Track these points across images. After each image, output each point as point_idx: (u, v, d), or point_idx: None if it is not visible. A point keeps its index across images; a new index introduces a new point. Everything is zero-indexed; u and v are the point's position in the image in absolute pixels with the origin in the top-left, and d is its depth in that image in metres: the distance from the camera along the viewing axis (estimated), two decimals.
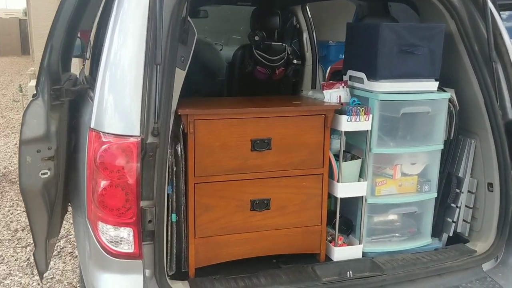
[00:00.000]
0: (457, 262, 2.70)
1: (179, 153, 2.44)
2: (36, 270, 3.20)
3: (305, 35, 5.32)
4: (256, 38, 4.61)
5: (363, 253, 2.78)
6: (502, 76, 2.78)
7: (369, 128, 2.65)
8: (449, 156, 2.89)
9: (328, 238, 2.80)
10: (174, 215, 2.50)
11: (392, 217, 2.88)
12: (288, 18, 5.57)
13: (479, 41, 2.77)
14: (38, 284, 4.00)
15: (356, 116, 2.60)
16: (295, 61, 5.02)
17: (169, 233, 2.52)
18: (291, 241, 2.67)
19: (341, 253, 2.73)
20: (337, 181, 2.69)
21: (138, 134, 2.14)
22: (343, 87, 2.80)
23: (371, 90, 2.68)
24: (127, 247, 2.17)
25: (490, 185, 2.82)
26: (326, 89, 2.77)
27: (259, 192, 2.56)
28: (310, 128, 2.58)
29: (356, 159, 2.74)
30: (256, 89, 4.67)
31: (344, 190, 2.69)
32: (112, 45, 2.22)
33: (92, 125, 2.21)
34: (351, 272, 2.53)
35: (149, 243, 2.24)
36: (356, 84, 2.80)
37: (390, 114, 2.67)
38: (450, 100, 2.84)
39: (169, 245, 2.53)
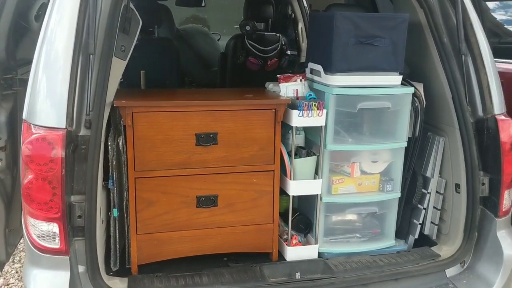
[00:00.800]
0: (417, 266, 2.56)
1: (121, 146, 2.37)
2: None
3: (300, 25, 5.18)
4: (248, 28, 4.51)
5: (320, 253, 2.67)
6: (471, 70, 2.61)
7: (323, 124, 2.52)
8: (414, 154, 2.74)
9: (285, 237, 2.69)
10: (115, 210, 2.44)
11: (351, 217, 2.75)
12: (283, 8, 5.43)
13: (449, 32, 2.61)
14: (16, 272, 4.02)
15: (308, 111, 2.47)
16: (289, 52, 4.89)
17: (111, 228, 2.47)
18: (241, 240, 2.58)
19: (295, 253, 2.62)
20: (290, 178, 2.57)
21: (64, 127, 2.07)
22: (300, 80, 2.67)
23: (327, 83, 2.55)
24: (54, 243, 2.12)
25: (458, 186, 2.67)
26: (282, 82, 2.65)
27: (205, 188, 2.47)
28: (259, 122, 2.47)
29: (312, 155, 2.61)
30: (249, 80, 4.56)
31: (297, 187, 2.58)
32: (49, 22, 2.16)
33: (24, 116, 2.16)
34: (299, 274, 2.42)
35: (81, 238, 2.18)
36: (315, 78, 2.67)
37: (346, 109, 2.53)
38: (416, 95, 2.68)
39: (112, 241, 2.47)
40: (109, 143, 2.36)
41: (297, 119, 2.48)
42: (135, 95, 2.47)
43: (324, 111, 2.50)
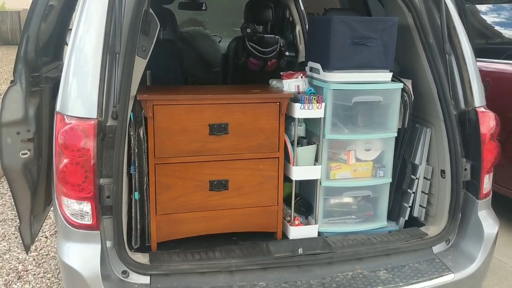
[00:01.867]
0: (406, 243, 2.85)
1: (141, 136, 2.66)
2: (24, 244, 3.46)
3: (298, 28, 5.48)
4: (248, 30, 4.80)
5: (319, 233, 2.96)
6: (455, 67, 2.91)
7: (322, 116, 2.81)
8: (403, 143, 3.04)
9: (288, 218, 2.98)
10: (136, 194, 2.72)
11: (347, 200, 3.04)
12: (281, 11, 5.73)
13: (435, 34, 2.91)
14: (34, 260, 4.29)
15: (308, 104, 2.77)
16: (287, 53, 5.18)
17: (133, 210, 2.75)
18: (249, 220, 2.87)
19: (297, 232, 2.91)
20: (293, 165, 2.86)
21: (95, 117, 2.35)
22: (301, 77, 2.97)
23: (325, 80, 2.85)
24: (87, 219, 2.40)
25: (443, 172, 2.96)
26: (285, 79, 2.95)
27: (217, 173, 2.76)
28: (266, 114, 2.76)
29: (312, 144, 2.91)
30: (249, 80, 4.85)
31: (299, 173, 2.87)
32: (78, 32, 2.44)
33: (58, 109, 2.44)
34: (301, 249, 2.71)
35: (109, 217, 2.46)
36: (315, 75, 2.96)
37: (342, 102, 2.83)
38: (405, 90, 2.99)
39: (133, 221, 2.75)
40: (131, 133, 2.65)
41: (299, 111, 2.77)
42: (155, 90, 2.76)
43: (323, 104, 2.80)
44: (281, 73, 2.98)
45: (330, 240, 2.82)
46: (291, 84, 2.94)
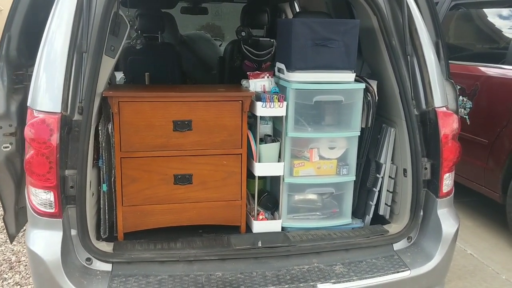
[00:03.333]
0: (367, 239, 2.92)
1: (110, 131, 2.80)
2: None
3: None
4: (243, 34, 4.93)
5: (283, 228, 3.05)
6: (417, 69, 2.97)
7: (284, 114, 2.91)
8: (367, 142, 3.12)
9: (253, 213, 3.08)
10: (104, 186, 2.87)
11: (311, 196, 3.13)
12: (277, 15, 5.84)
13: (399, 36, 2.98)
14: None
15: (270, 103, 2.87)
16: None
17: (101, 201, 2.90)
18: (214, 213, 2.98)
19: (260, 226, 3.01)
20: (256, 161, 2.97)
21: (60, 111, 2.51)
22: (267, 77, 3.08)
23: (288, 80, 2.95)
24: (50, 208, 2.55)
25: (405, 171, 3.03)
26: (251, 79, 3.06)
27: (181, 168, 2.88)
28: (228, 112, 2.88)
29: (276, 142, 3.01)
30: None
31: (261, 169, 2.98)
32: (50, 27, 2.59)
33: (28, 103, 2.60)
34: (261, 242, 2.81)
35: (73, 206, 2.60)
36: (281, 75, 3.07)
37: (303, 101, 2.93)
38: (368, 91, 3.07)
39: (101, 212, 2.90)
40: (99, 128, 2.80)
41: (261, 109, 2.88)
42: (123, 88, 2.90)
43: (285, 103, 2.90)
44: (248, 72, 3.10)
45: (290, 235, 2.91)
46: (257, 83, 3.05)
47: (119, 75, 4.67)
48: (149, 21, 5.00)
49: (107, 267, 2.65)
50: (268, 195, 3.15)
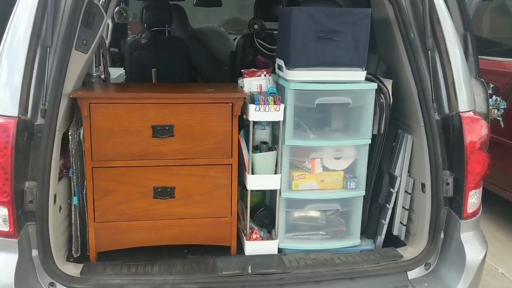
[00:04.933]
0: (376, 266, 2.50)
1: (81, 137, 2.46)
2: None
3: None
4: (256, 26, 4.57)
5: (280, 249, 2.66)
6: (439, 66, 2.53)
7: (281, 119, 2.51)
8: (379, 151, 2.69)
9: (248, 231, 2.70)
10: (75, 199, 2.52)
11: (314, 214, 2.72)
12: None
13: (418, 28, 2.54)
14: None
15: (265, 106, 2.47)
16: None
17: (72, 216, 2.56)
18: (200, 232, 2.61)
19: (253, 247, 2.62)
20: (248, 173, 2.58)
21: (16, 115, 2.17)
22: (265, 75, 2.68)
23: (286, 78, 2.54)
24: (5, 226, 2.21)
25: (423, 185, 2.59)
26: (246, 77, 2.67)
27: (162, 179, 2.52)
28: (216, 116, 2.49)
29: (274, 150, 2.61)
30: None
31: (254, 182, 2.58)
32: (13, 18, 2.26)
33: None
34: (250, 268, 2.43)
35: (34, 223, 2.27)
36: (280, 73, 2.67)
37: (304, 104, 2.52)
38: (382, 92, 2.63)
39: (73, 228, 2.56)
40: (70, 133, 2.45)
41: (254, 113, 2.49)
42: (94, 88, 2.55)
43: (282, 106, 2.50)
44: (242, 70, 2.71)
45: (286, 259, 2.52)
46: (253, 83, 2.66)
47: (118, 72, 4.34)
48: (156, 14, 4.66)
49: None
50: (264, 210, 2.76)
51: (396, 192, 2.71)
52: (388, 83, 2.67)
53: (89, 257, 2.56)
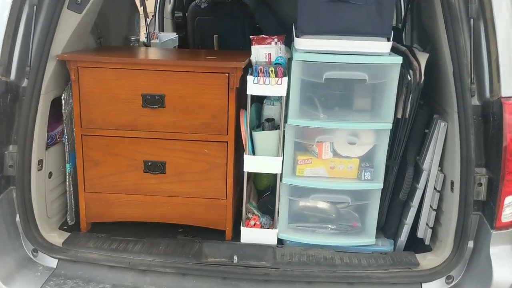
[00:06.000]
0: (382, 272, 2.14)
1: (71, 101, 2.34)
2: None
3: None
4: None
5: (280, 240, 2.37)
6: (483, 39, 2.04)
7: (283, 94, 2.19)
8: (403, 139, 2.26)
9: (249, 216, 2.44)
10: (68, 166, 2.43)
11: (322, 205, 2.38)
12: None
13: None
14: None
15: (264, 78, 2.16)
16: None
17: (66, 184, 2.48)
18: (192, 212, 2.40)
19: (250, 235, 2.36)
20: (247, 153, 2.30)
21: None
22: (275, 43, 2.35)
23: (296, 48, 2.20)
24: None
25: (453, 184, 2.15)
26: (254, 45, 2.36)
27: (152, 153, 2.33)
28: (211, 87, 2.23)
29: (277, 129, 2.30)
30: None
31: (252, 163, 2.30)
32: None
33: None
34: (236, 258, 2.18)
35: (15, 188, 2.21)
36: (293, 42, 2.32)
37: (310, 78, 2.17)
38: (412, 67, 2.20)
39: (67, 196, 2.48)
40: (63, 97, 2.34)
41: (252, 86, 2.19)
42: (84, 51, 2.39)
43: (285, 79, 2.17)
44: (250, 37, 2.40)
45: (280, 252, 2.24)
46: (261, 51, 2.34)
47: (169, 36, 4.20)
48: None
49: (53, 263, 2.23)
50: (270, 195, 2.47)
51: (423, 188, 2.28)
52: (423, 58, 2.22)
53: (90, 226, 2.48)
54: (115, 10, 3.39)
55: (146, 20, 3.84)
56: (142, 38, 3.89)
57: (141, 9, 3.75)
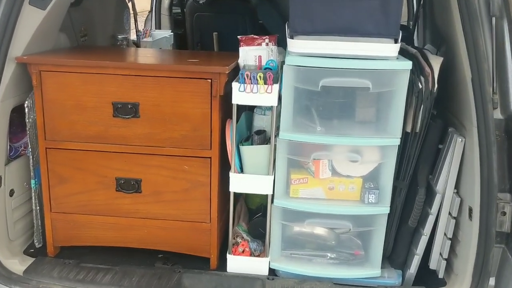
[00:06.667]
0: None
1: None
2: None
3: None
4: None
5: (272, 270, 2.07)
6: (507, 40, 1.73)
7: (274, 104, 1.89)
8: (413, 156, 1.95)
9: (237, 240, 2.14)
10: (33, 182, 2.15)
11: (320, 231, 2.08)
12: None
13: None
14: None
15: (252, 85, 1.86)
16: None
17: (33, 202, 2.20)
18: (172, 237, 2.11)
19: (237, 264, 2.07)
20: (233, 171, 2.00)
21: None
22: (266, 44, 2.05)
23: (288, 50, 1.90)
24: None
25: (471, 210, 1.83)
26: (242, 46, 2.06)
27: (126, 169, 2.04)
28: (191, 95, 1.94)
29: (268, 143, 2.00)
30: None
31: (239, 182, 2.00)
32: None
33: None
34: None
35: None
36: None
37: (304, 86, 1.86)
38: (423, 74, 1.89)
39: (34, 216, 2.21)
40: (25, 104, 2.07)
41: (238, 94, 1.89)
42: (49, 52, 2.11)
43: (275, 86, 1.87)
44: (238, 37, 2.10)
45: (270, 286, 1.94)
46: (249, 53, 2.04)
47: (162, 34, 3.91)
48: None
49: None
50: (262, 216, 2.17)
51: (437, 214, 1.96)
52: (436, 62, 1.90)
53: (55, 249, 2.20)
54: (101, 6, 3.12)
55: (135, 17, 3.55)
56: (134, 36, 3.61)
57: (129, 5, 3.46)
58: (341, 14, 1.79)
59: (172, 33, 4.09)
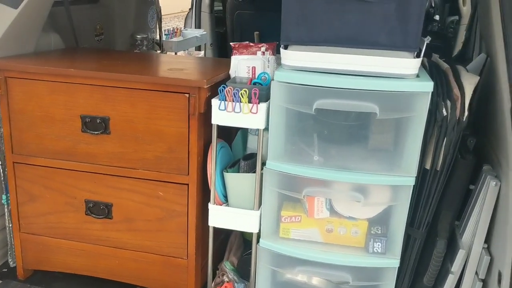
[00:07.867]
0: None
1: None
2: None
3: None
4: None
5: None
6: None
7: (261, 127, 1.56)
8: (433, 199, 1.56)
9: (224, 279, 1.84)
10: (4, 197, 1.95)
11: (315, 280, 1.72)
12: None
13: None
14: None
15: (234, 103, 1.55)
16: (437, 17, 3.80)
17: (6, 219, 2.01)
18: (144, 271, 1.84)
19: None
20: (212, 202, 1.69)
21: None
22: (262, 53, 1.72)
23: (282, 63, 1.56)
24: None
25: (500, 275, 1.42)
26: (234, 54, 1.74)
27: (95, 191, 1.79)
28: (167, 111, 1.65)
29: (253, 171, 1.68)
30: None
31: (217, 216, 1.69)
32: None
33: None
34: None
35: None
36: None
37: (296, 108, 1.51)
38: (450, 98, 1.49)
39: (7, 233, 2.02)
40: None
41: (218, 113, 1.58)
42: (18, 56, 1.88)
43: (262, 106, 1.54)
44: (231, 43, 1.78)
45: None
46: (242, 63, 1.72)
47: (193, 34, 3.66)
48: None
49: None
50: (250, 253, 1.85)
51: (461, 274, 1.56)
52: (469, 83, 1.50)
53: (26, 272, 2.00)
54: (121, 3, 2.91)
55: (158, 15, 3.32)
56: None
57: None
58: (346, 21, 1.44)
59: (204, 33, 3.83)
